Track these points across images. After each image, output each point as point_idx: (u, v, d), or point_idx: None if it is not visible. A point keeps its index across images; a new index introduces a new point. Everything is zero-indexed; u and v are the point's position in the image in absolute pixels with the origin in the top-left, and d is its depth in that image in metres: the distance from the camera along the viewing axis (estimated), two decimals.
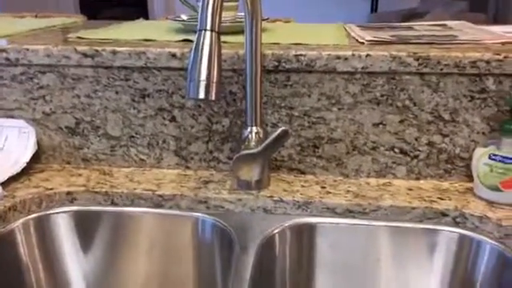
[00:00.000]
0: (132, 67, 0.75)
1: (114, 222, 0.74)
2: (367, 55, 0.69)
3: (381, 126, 0.74)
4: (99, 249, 0.74)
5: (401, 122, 0.73)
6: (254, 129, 0.70)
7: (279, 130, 0.63)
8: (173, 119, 0.78)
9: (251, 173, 0.68)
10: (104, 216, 0.74)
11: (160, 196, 0.73)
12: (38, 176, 0.79)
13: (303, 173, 0.79)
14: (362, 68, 0.70)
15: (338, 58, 0.70)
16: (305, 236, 0.70)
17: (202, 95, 0.49)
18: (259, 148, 0.65)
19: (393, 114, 0.73)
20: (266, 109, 0.75)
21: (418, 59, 0.69)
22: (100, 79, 0.77)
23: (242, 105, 0.75)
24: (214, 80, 0.49)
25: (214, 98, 0.49)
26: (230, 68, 0.73)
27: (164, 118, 0.78)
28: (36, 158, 0.83)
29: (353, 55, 0.69)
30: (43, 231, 0.72)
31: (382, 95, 0.72)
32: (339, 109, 0.74)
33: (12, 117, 0.81)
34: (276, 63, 0.71)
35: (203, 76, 0.49)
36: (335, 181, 0.77)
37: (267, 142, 0.64)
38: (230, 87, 0.74)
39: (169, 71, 0.75)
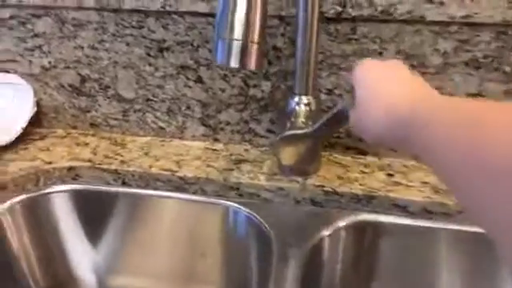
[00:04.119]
0: (146, 11, 0.58)
1: (125, 205, 0.60)
2: None
3: (478, 97, 0.54)
4: (107, 237, 0.61)
5: (506, 92, 0.53)
6: (304, 99, 0.52)
7: (340, 106, 0.44)
8: (199, 80, 0.61)
9: (297, 158, 0.51)
10: (112, 198, 0.60)
11: (181, 178, 0.58)
12: (37, 144, 0.65)
13: (363, 153, 0.61)
14: (463, 17, 0.49)
15: (431, 2, 0.49)
16: (366, 240, 0.54)
17: (233, 62, 0.32)
18: (310, 128, 0.48)
19: (496, 82, 0.53)
20: (320, 70, 0.57)
21: None
22: (106, 26, 0.60)
23: (289, 64, 0.57)
24: (256, 39, 0.31)
25: (253, 66, 0.32)
26: (275, 14, 0.54)
27: (188, 79, 0.61)
28: (37, 122, 0.69)
29: None
30: (39, 214, 0.59)
31: (484, 56, 0.52)
32: (422, 73, 0.54)
33: (4, 71, 0.66)
34: (339, 9, 0.52)
35: (237, 33, 0.31)
36: (406, 166, 0.59)
37: (323, 120, 0.46)
38: (273, 40, 0.56)
39: (194, 17, 0.57)
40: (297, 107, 0.52)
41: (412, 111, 0.31)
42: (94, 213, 0.61)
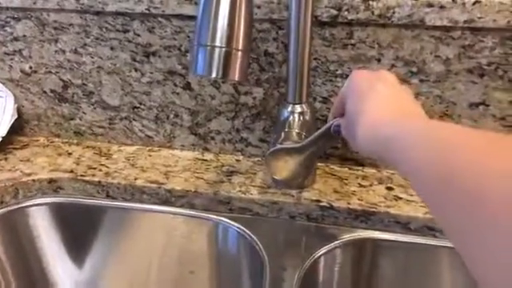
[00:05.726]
0: (130, 13, 0.54)
1: (109, 219, 0.57)
2: (476, 2, 0.45)
3: (481, 107, 0.51)
4: (90, 253, 0.58)
5: None
6: (298, 107, 0.49)
7: (334, 124, 0.41)
8: (187, 86, 0.58)
9: (289, 173, 0.48)
10: (95, 212, 0.57)
11: (168, 191, 0.55)
12: (17, 154, 0.62)
13: (361, 164, 0.58)
14: (466, 22, 0.46)
15: (430, 5, 0.46)
16: (365, 259, 0.51)
17: (215, 72, 0.28)
18: (303, 142, 0.45)
19: (502, 91, 0.50)
20: (314, 77, 0.53)
21: None
22: (89, 29, 0.57)
23: (282, 70, 0.54)
24: (240, 46, 0.28)
25: (237, 77, 0.29)
26: (265, 18, 0.51)
27: (176, 85, 0.58)
28: (19, 129, 0.66)
29: (453, 1, 0.46)
30: (17, 229, 0.56)
31: (489, 63, 0.49)
32: (422, 80, 0.51)
33: None
34: (334, 12, 0.49)
35: (220, 38, 0.28)
36: (406, 179, 0.56)
37: (316, 135, 0.43)
38: (265, 45, 0.53)
39: (181, 20, 0.54)
40: (290, 117, 0.49)
41: (394, 132, 0.30)
42: (77, 227, 0.57)
